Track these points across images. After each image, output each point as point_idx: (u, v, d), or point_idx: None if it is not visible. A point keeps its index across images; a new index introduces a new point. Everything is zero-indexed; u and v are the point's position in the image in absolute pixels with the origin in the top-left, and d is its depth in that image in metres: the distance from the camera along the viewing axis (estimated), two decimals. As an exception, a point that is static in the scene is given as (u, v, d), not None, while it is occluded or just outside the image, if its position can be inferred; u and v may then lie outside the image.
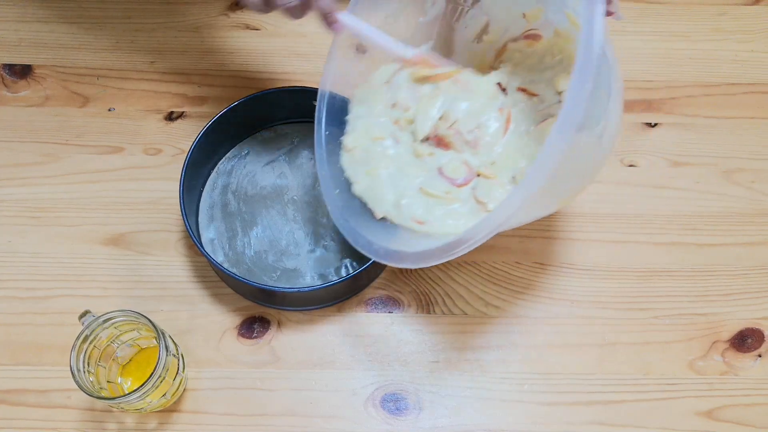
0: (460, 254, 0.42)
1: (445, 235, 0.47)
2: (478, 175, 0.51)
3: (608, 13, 0.47)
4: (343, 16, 0.50)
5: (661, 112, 0.68)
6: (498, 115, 0.51)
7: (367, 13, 0.52)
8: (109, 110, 0.67)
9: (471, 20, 0.55)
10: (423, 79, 0.53)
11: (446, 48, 0.57)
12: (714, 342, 0.58)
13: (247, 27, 0.72)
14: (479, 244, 0.41)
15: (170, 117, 0.67)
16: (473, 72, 0.53)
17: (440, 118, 0.51)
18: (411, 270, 0.60)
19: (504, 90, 0.52)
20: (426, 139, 0.52)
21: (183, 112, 0.67)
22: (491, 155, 0.51)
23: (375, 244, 0.48)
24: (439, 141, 0.52)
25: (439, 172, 0.51)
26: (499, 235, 0.61)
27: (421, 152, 0.52)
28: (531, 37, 0.54)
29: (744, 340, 0.58)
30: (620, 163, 0.65)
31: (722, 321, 0.58)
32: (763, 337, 0.58)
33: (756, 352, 0.57)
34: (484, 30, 0.56)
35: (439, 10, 0.55)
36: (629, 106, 0.68)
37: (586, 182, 0.49)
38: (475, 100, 0.51)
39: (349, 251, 0.58)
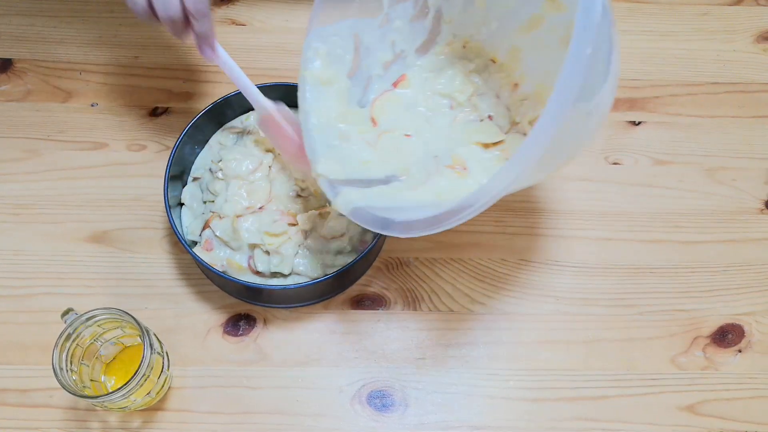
0: (456, 223, 0.41)
1: (430, 203, 0.47)
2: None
3: None
4: (220, 48, 0.51)
5: (645, 110, 0.68)
6: None
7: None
8: (92, 105, 0.66)
9: None
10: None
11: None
12: (695, 338, 0.58)
13: (234, 22, 0.71)
14: (477, 213, 0.39)
15: (154, 113, 0.66)
16: None
17: None
18: (397, 267, 0.60)
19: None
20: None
21: (167, 108, 0.66)
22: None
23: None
24: None
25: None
26: (484, 232, 0.62)
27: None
28: None
29: (725, 336, 0.59)
30: (605, 161, 0.66)
31: (704, 317, 0.59)
32: (744, 333, 0.59)
33: (736, 348, 0.58)
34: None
35: None
36: (614, 104, 0.68)
37: (576, 153, 0.49)
38: None
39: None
